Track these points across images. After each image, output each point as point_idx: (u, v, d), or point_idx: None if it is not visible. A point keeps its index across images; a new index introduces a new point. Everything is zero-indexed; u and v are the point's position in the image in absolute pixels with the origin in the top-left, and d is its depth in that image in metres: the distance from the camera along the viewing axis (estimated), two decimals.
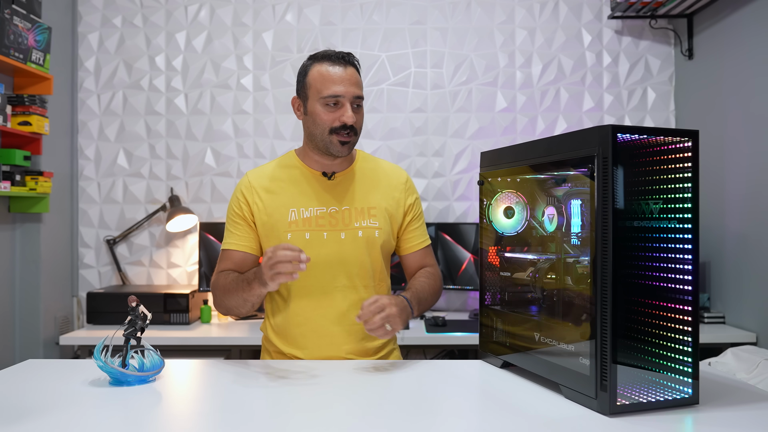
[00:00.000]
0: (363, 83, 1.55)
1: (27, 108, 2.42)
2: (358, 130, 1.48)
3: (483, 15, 2.98)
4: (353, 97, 1.44)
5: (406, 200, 1.58)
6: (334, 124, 1.44)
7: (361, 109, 1.48)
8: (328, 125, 1.44)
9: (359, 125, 1.48)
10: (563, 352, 1.13)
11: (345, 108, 1.43)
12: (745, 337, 2.34)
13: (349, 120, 1.43)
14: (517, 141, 2.93)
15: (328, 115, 1.44)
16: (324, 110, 1.45)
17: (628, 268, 1.04)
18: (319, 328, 1.48)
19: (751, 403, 1.11)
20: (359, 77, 1.49)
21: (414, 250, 1.59)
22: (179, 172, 2.96)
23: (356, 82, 1.46)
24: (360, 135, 1.50)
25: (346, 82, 1.44)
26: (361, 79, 1.50)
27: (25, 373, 1.30)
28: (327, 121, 1.44)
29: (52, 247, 2.72)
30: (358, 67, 1.50)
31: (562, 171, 1.16)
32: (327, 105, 1.44)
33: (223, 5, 2.97)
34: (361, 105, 1.49)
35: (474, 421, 1.04)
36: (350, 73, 1.46)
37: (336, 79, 1.44)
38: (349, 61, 1.47)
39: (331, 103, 1.44)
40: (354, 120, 1.44)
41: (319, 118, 1.45)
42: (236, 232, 1.53)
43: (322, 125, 1.45)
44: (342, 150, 1.46)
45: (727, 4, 2.56)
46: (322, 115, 1.45)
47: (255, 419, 1.03)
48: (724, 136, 2.56)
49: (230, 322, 2.68)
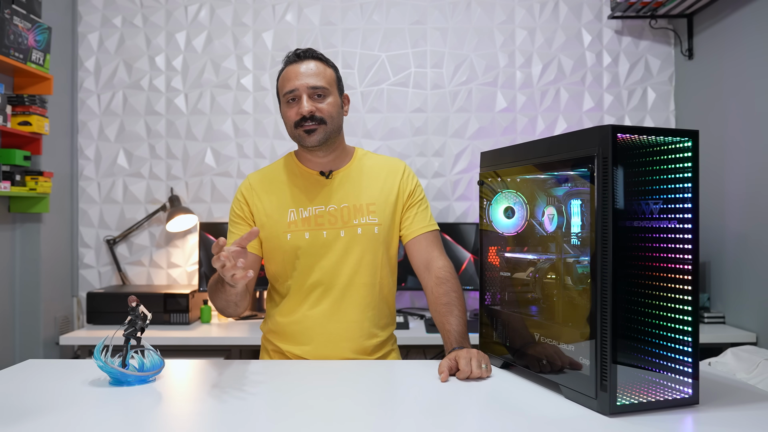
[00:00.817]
0: (337, 74, 1.53)
1: (27, 108, 2.42)
2: (327, 118, 1.47)
3: (483, 15, 2.98)
4: (308, 88, 1.45)
5: (404, 186, 1.56)
6: (295, 118, 1.46)
7: (325, 99, 1.47)
8: (291, 121, 1.47)
9: (326, 114, 1.47)
10: (563, 352, 1.13)
11: (301, 101, 1.45)
12: (745, 337, 2.34)
13: (304, 110, 1.44)
14: (517, 141, 2.93)
15: (290, 111, 1.48)
16: (286, 108, 1.49)
17: (628, 268, 1.04)
18: (318, 325, 1.49)
19: (751, 403, 1.11)
20: (323, 69, 1.48)
21: (415, 234, 1.53)
22: (179, 172, 2.96)
23: (313, 74, 1.46)
24: (334, 126, 1.49)
25: (301, 76, 1.46)
26: (327, 68, 1.50)
27: (25, 373, 1.31)
28: (290, 118, 1.48)
29: (52, 247, 2.72)
30: (322, 59, 1.50)
31: (562, 171, 1.16)
32: (288, 102, 1.48)
33: (223, 5, 2.97)
34: (327, 94, 1.47)
35: (474, 421, 1.04)
36: (306, 66, 1.47)
37: (291, 76, 1.48)
38: (307, 56, 1.49)
39: (290, 99, 1.47)
40: (311, 109, 1.45)
41: (285, 117, 1.50)
42: (237, 232, 1.54)
43: (288, 123, 1.49)
44: (311, 140, 1.46)
45: (727, 4, 2.56)
46: (286, 113, 1.49)
47: (255, 419, 1.03)
48: (724, 136, 2.56)
49: (230, 322, 2.68)
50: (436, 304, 1.46)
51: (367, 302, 1.51)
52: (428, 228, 1.55)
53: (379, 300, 1.54)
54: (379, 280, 1.53)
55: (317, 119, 1.46)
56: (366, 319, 1.51)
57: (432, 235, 1.55)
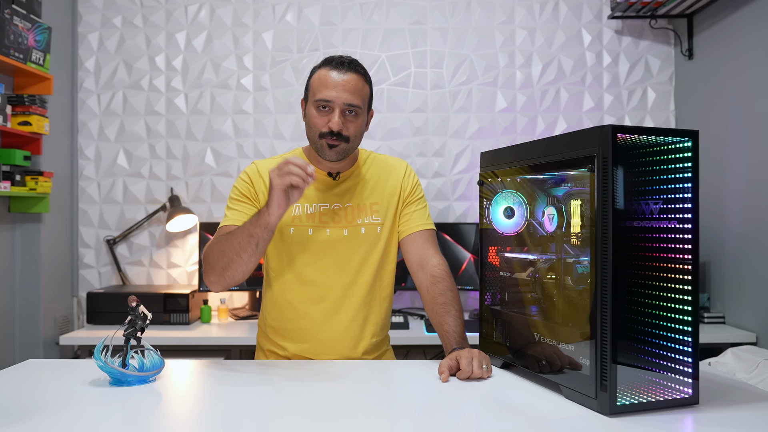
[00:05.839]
0: (371, 91, 1.50)
1: (27, 108, 2.42)
2: (351, 138, 1.44)
3: (483, 15, 2.98)
4: (344, 104, 1.41)
5: (405, 185, 1.56)
6: (322, 128, 1.42)
7: (357, 118, 1.44)
8: (318, 129, 1.43)
9: (352, 133, 1.44)
10: (563, 352, 1.13)
11: (333, 114, 1.41)
12: (745, 337, 2.34)
13: (335, 126, 1.40)
14: (517, 141, 2.93)
15: (319, 119, 1.43)
16: (316, 114, 1.44)
17: (628, 268, 1.04)
18: (317, 323, 1.49)
19: (751, 403, 1.11)
20: (362, 86, 1.44)
21: (411, 232, 1.52)
22: (179, 172, 2.96)
23: (352, 89, 1.42)
24: (355, 144, 1.47)
25: (340, 88, 1.41)
26: (365, 86, 1.46)
27: (25, 373, 1.30)
28: (317, 125, 1.43)
29: (52, 247, 2.72)
30: (363, 75, 1.46)
31: (562, 171, 1.16)
32: (319, 109, 1.43)
33: (223, 5, 2.97)
34: (359, 114, 1.44)
35: (474, 421, 1.04)
36: (348, 79, 1.42)
37: (330, 84, 1.42)
38: (351, 68, 1.44)
39: (322, 107, 1.43)
40: (340, 127, 1.41)
41: (311, 122, 1.45)
42: (239, 209, 1.49)
43: (314, 128, 1.44)
44: (330, 154, 1.44)
45: (727, 4, 2.56)
46: (314, 119, 1.44)
47: (254, 419, 1.03)
48: (724, 136, 2.56)
49: (230, 323, 2.68)
50: (433, 304, 1.45)
51: (367, 302, 1.51)
52: (424, 226, 1.54)
53: (380, 300, 1.54)
54: (380, 279, 1.53)
55: (343, 137, 1.43)
56: (365, 318, 1.51)
57: (428, 233, 1.54)
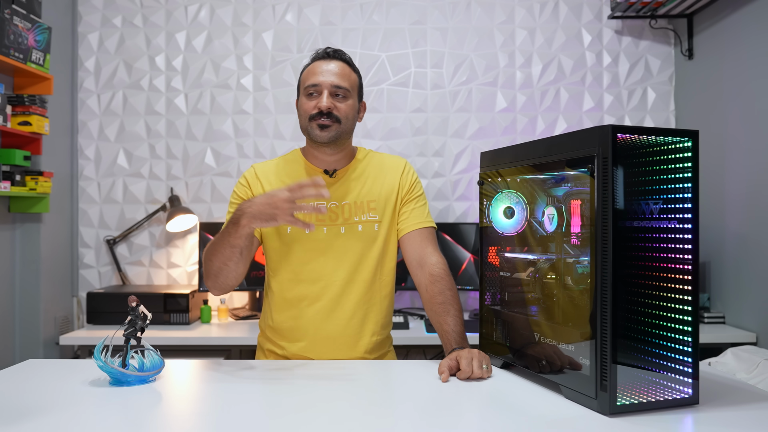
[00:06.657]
0: (360, 80, 1.56)
1: (27, 108, 2.42)
2: (341, 118, 1.48)
3: (483, 15, 2.98)
4: (331, 85, 1.48)
5: (404, 183, 1.57)
6: (312, 111, 1.48)
7: (346, 100, 1.50)
8: (307, 113, 1.49)
9: (342, 114, 1.49)
10: (563, 352, 1.13)
11: (322, 96, 1.48)
12: (745, 337, 2.34)
13: (323, 105, 1.46)
14: (517, 141, 2.93)
15: (308, 104, 1.50)
16: (305, 100, 1.51)
17: (628, 268, 1.04)
18: (315, 322, 1.49)
19: (751, 403, 1.11)
20: (349, 72, 1.52)
21: (410, 230, 1.53)
22: (179, 172, 2.96)
23: (338, 73, 1.49)
24: (347, 126, 1.50)
25: (326, 73, 1.49)
26: (352, 73, 1.53)
27: (25, 373, 1.30)
28: (307, 110, 1.50)
29: (52, 247, 2.72)
30: (348, 62, 1.53)
31: (562, 171, 1.16)
32: (308, 95, 1.50)
33: (223, 5, 2.97)
34: (347, 96, 1.50)
35: (474, 421, 1.04)
36: (334, 65, 1.50)
37: (317, 71, 1.50)
38: (336, 56, 1.52)
39: (311, 93, 1.49)
40: (329, 106, 1.47)
41: (302, 108, 1.52)
42: None
43: (304, 114, 1.51)
44: (321, 135, 1.48)
45: (727, 4, 2.56)
46: (303, 105, 1.51)
47: (254, 419, 1.03)
48: (725, 136, 2.56)
49: (230, 323, 2.68)
50: (432, 303, 1.45)
51: (365, 300, 1.51)
52: (424, 224, 1.54)
53: (380, 299, 1.54)
54: (379, 277, 1.53)
55: (333, 117, 1.48)
56: (364, 317, 1.51)
57: (427, 232, 1.54)
